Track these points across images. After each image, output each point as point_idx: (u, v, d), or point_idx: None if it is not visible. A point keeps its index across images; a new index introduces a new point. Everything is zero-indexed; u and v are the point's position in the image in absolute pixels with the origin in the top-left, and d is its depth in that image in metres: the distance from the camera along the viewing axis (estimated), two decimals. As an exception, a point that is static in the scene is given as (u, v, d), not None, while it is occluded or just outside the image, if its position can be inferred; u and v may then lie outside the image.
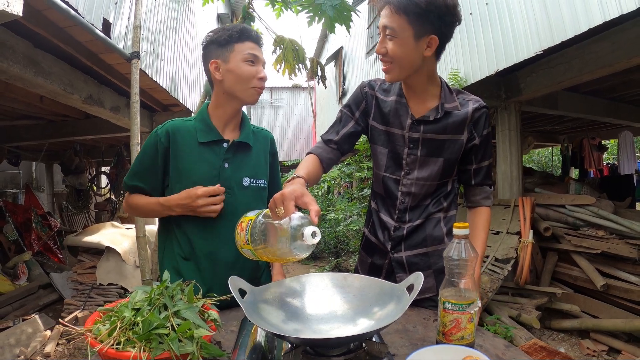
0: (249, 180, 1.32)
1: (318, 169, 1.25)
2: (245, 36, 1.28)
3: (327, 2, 3.42)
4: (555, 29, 3.03)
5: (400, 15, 1.09)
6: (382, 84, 1.32)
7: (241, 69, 1.26)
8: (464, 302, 0.82)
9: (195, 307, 0.81)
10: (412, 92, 1.25)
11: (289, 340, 0.75)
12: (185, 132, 1.29)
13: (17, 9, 2.04)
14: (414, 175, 1.25)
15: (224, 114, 1.32)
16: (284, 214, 0.89)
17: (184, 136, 1.28)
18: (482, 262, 1.28)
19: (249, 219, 1.01)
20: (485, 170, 1.28)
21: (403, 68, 1.16)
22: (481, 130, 1.24)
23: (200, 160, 1.27)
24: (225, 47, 1.27)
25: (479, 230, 1.26)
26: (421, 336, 1.01)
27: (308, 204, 0.92)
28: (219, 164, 1.28)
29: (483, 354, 0.78)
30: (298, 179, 1.06)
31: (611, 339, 3.37)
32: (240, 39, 1.27)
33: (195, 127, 1.29)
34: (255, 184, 1.33)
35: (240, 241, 1.01)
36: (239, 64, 1.26)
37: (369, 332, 0.72)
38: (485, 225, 1.28)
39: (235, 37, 1.27)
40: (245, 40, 1.27)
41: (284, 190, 0.92)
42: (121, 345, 0.78)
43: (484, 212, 1.29)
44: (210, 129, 1.30)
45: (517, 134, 4.50)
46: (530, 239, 3.86)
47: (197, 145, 1.28)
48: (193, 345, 0.74)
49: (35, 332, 3.63)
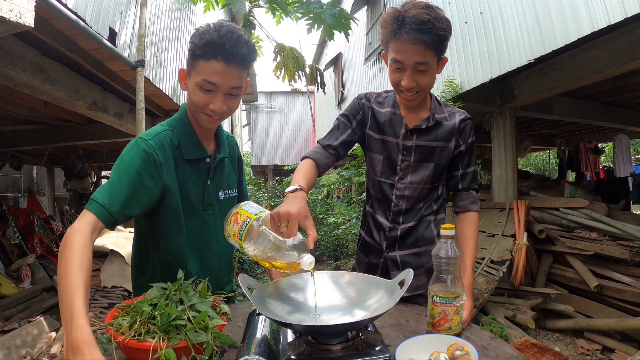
0: (224, 192, 1.26)
1: (315, 175, 1.30)
2: (209, 54, 1.04)
3: (326, 10, 3.52)
4: (547, 38, 3.14)
5: (432, 51, 1.17)
6: (377, 97, 1.42)
7: (194, 94, 1.10)
8: (451, 296, 0.91)
9: (209, 301, 0.90)
10: (407, 105, 1.34)
11: (294, 328, 0.84)
12: (171, 145, 1.14)
13: (29, 20, 2.12)
14: (407, 180, 1.35)
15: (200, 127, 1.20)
16: (286, 234, 0.92)
17: (174, 151, 1.15)
18: (474, 268, 1.35)
19: (247, 215, 1.00)
20: (471, 175, 1.39)
21: (425, 93, 1.29)
22: (466, 138, 1.36)
23: (187, 181, 1.16)
24: (192, 59, 1.09)
25: (468, 237, 1.33)
26: (413, 329, 1.10)
27: (308, 228, 0.97)
28: (204, 181, 1.19)
29: (469, 343, 0.87)
30: (301, 193, 1.06)
31: (605, 338, 3.43)
32: (203, 56, 1.05)
33: (180, 141, 1.16)
34: (228, 195, 1.28)
35: (232, 232, 1.01)
36: (193, 87, 1.09)
37: (364, 319, 0.81)
38: (475, 231, 1.34)
39: (199, 53, 1.06)
40: (210, 58, 1.04)
41: (291, 210, 0.94)
42: (141, 337, 0.87)
43: (472, 218, 1.36)
44: (197, 145, 1.18)
45: (512, 138, 4.60)
46: (525, 241, 3.94)
47: (183, 163, 1.16)
48: (208, 335, 0.83)
49: (41, 333, 3.70)
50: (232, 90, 1.10)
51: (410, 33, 1.14)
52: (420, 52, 1.16)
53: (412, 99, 1.27)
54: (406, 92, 1.25)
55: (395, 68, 1.23)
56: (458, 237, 1.34)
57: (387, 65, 1.29)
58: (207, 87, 1.07)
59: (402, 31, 1.15)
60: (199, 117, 1.14)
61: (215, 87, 1.07)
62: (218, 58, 1.04)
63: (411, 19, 1.14)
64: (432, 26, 1.14)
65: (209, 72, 1.05)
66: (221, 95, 1.09)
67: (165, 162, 1.11)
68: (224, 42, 1.03)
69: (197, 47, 1.05)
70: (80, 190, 7.27)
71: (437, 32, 1.16)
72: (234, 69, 1.07)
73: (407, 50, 1.17)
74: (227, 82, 1.07)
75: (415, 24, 1.14)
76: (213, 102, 1.08)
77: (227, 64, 1.05)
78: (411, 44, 1.15)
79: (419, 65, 1.19)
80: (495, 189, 4.77)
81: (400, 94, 1.29)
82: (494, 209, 4.60)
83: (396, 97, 1.38)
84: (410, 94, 1.25)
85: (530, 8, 3.30)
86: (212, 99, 1.09)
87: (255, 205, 1.07)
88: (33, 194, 6.47)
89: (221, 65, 1.05)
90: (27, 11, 2.07)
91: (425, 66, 1.19)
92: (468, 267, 1.26)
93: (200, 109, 1.11)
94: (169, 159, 1.12)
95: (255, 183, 11.10)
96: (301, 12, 3.55)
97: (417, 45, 1.15)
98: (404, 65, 1.20)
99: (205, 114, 1.11)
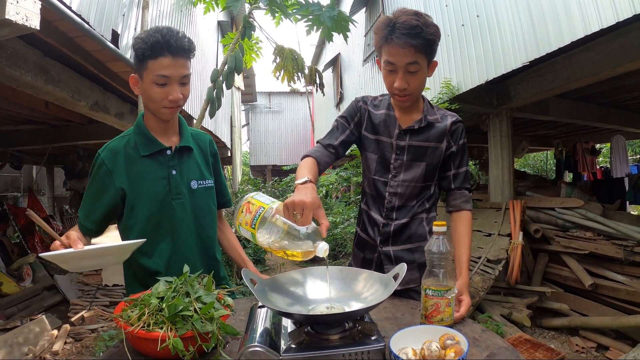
0: (197, 182, 1.35)
1: (317, 171, 1.37)
2: (157, 52, 1.18)
3: (325, 13, 3.57)
4: (541, 41, 3.19)
5: (421, 53, 1.26)
6: (373, 100, 1.50)
7: (151, 91, 1.22)
8: (443, 289, 0.97)
9: (214, 294, 0.95)
10: (401, 107, 1.43)
11: (295, 318, 0.89)
12: (125, 150, 1.28)
13: (35, 22, 2.17)
14: (400, 178, 1.42)
15: (157, 122, 1.31)
16: (301, 222, 0.98)
17: (127, 154, 1.28)
18: (469, 265, 1.41)
19: (259, 204, 1.03)
20: (463, 175, 1.45)
21: (416, 95, 1.37)
22: (457, 139, 1.43)
23: (147, 174, 1.28)
24: (141, 63, 1.21)
25: (463, 236, 1.38)
26: (408, 322, 1.15)
27: (320, 217, 1.03)
28: (166, 172, 1.29)
29: (459, 333, 0.92)
30: (311, 184, 1.14)
31: (599, 336, 3.49)
32: (152, 55, 1.18)
33: (135, 142, 1.29)
34: (203, 185, 1.37)
35: (244, 221, 1.04)
36: (150, 86, 1.21)
37: (360, 310, 0.87)
38: (468, 230, 1.40)
39: (147, 54, 1.18)
40: (159, 56, 1.18)
41: (306, 199, 1.00)
42: (150, 327, 0.92)
43: (465, 217, 1.41)
44: (150, 140, 1.29)
45: (509, 139, 4.65)
46: (520, 241, 4.00)
47: (140, 160, 1.28)
48: (213, 325, 0.88)
49: (43, 331, 3.75)
50: (182, 79, 1.23)
51: (400, 37, 1.23)
52: (410, 54, 1.25)
53: (405, 100, 1.35)
54: (399, 94, 1.32)
55: (388, 70, 1.32)
56: (452, 235, 1.40)
57: (381, 70, 1.36)
58: (161, 81, 1.20)
59: (393, 36, 1.24)
60: (160, 112, 1.26)
61: (168, 79, 1.21)
62: (165, 54, 1.18)
63: (401, 25, 1.23)
64: (421, 31, 1.23)
65: (160, 67, 1.19)
66: (175, 85, 1.22)
67: (116, 168, 1.26)
68: (167, 40, 1.18)
69: (145, 50, 1.18)
70: (81, 190, 7.31)
71: (426, 37, 1.24)
72: (180, 60, 1.21)
73: (398, 53, 1.26)
74: (177, 72, 1.21)
75: (405, 29, 1.23)
76: (170, 92, 1.22)
77: (174, 57, 1.19)
78: (401, 47, 1.24)
79: (410, 66, 1.27)
80: (491, 189, 4.83)
81: (394, 96, 1.37)
82: (490, 208, 4.66)
83: (391, 100, 1.45)
84: (402, 95, 1.32)
85: (525, 12, 3.35)
86: (168, 90, 1.22)
87: (266, 195, 1.11)
88: (33, 194, 6.51)
89: (169, 59, 1.19)
90: (33, 14, 2.12)
91: (416, 66, 1.27)
92: (464, 265, 1.32)
93: (160, 103, 1.23)
94: (121, 163, 1.27)
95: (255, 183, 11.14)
96: (300, 14, 3.60)
97: (407, 49, 1.24)
98: (396, 67, 1.28)
99: (165, 106, 1.24)
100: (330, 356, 0.85)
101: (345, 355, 0.85)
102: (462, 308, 1.17)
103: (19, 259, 5.27)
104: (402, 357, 0.81)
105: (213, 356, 0.91)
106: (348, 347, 0.86)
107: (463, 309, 1.17)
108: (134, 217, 1.28)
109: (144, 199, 1.27)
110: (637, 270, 3.76)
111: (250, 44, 4.07)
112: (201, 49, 6.55)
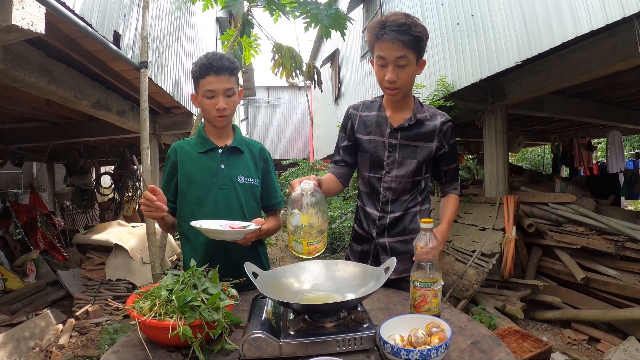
0: (244, 178, 1.58)
1: (333, 180, 1.60)
2: (204, 72, 1.48)
3: (322, 11, 3.62)
4: (533, 41, 3.26)
5: (410, 49, 1.39)
6: (363, 104, 1.65)
7: (203, 103, 1.52)
8: (430, 281, 1.05)
9: (219, 286, 1.04)
10: (392, 106, 1.57)
11: (293, 307, 0.98)
12: (187, 147, 1.60)
13: (40, 27, 2.23)
14: (393, 174, 1.54)
15: (214, 129, 1.59)
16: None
17: (187, 150, 1.59)
18: (450, 225, 1.58)
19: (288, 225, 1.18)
20: (453, 171, 1.62)
21: (406, 90, 1.49)
22: (449, 139, 1.56)
23: (201, 165, 1.56)
24: (195, 83, 1.54)
25: (447, 207, 1.60)
26: (399, 312, 1.23)
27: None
28: (216, 166, 1.56)
29: (444, 322, 1.00)
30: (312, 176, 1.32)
31: (591, 328, 3.56)
32: (201, 75, 1.49)
33: (195, 142, 1.61)
34: (249, 182, 1.59)
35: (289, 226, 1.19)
36: (202, 99, 1.52)
37: (353, 299, 0.95)
38: (453, 204, 1.60)
39: (198, 75, 1.50)
40: (206, 75, 1.48)
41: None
42: (161, 317, 1.00)
43: (452, 198, 1.62)
44: (205, 140, 1.59)
45: (503, 135, 4.73)
46: (514, 235, 4.08)
47: (197, 155, 1.58)
48: (219, 314, 0.96)
49: (48, 325, 3.83)
50: (226, 92, 1.50)
51: (390, 34, 1.38)
52: (399, 49, 1.38)
53: (395, 93, 1.47)
54: (389, 87, 1.45)
55: (379, 65, 1.45)
56: (440, 210, 1.60)
57: (374, 67, 1.50)
58: (208, 94, 1.50)
59: (384, 32, 1.39)
60: (213, 120, 1.54)
61: (214, 92, 1.49)
62: (210, 73, 1.48)
63: (391, 23, 1.38)
64: (409, 28, 1.37)
65: (207, 84, 1.49)
66: (220, 97, 1.50)
67: (179, 158, 1.57)
68: (211, 62, 1.48)
69: (196, 72, 1.51)
70: (82, 186, 7.39)
71: (414, 34, 1.38)
72: (223, 77, 1.49)
73: (388, 47, 1.39)
74: (220, 86, 1.49)
75: (394, 26, 1.37)
76: (217, 103, 1.49)
77: (217, 74, 1.48)
78: (391, 42, 1.38)
79: (400, 60, 1.40)
80: (486, 184, 4.91)
81: (385, 90, 1.49)
82: (485, 203, 4.74)
83: (382, 101, 1.59)
84: (392, 88, 1.45)
85: (518, 12, 3.42)
86: (215, 102, 1.50)
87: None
88: (35, 191, 6.56)
89: (213, 77, 1.48)
90: (38, 19, 2.18)
91: (405, 60, 1.40)
92: (445, 220, 1.55)
93: (211, 112, 1.52)
94: (183, 156, 1.57)
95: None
96: (299, 11, 3.65)
97: (396, 44, 1.38)
98: (387, 60, 1.41)
99: (215, 115, 1.51)
100: (325, 342, 0.94)
101: (339, 341, 0.94)
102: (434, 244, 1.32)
103: (23, 255, 5.34)
104: (390, 342, 0.89)
105: (219, 343, 0.99)
106: (342, 333, 0.95)
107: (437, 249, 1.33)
108: (184, 200, 1.55)
109: (193, 186, 1.53)
110: (627, 265, 3.81)
111: (249, 41, 4.13)
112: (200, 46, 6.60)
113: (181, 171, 1.56)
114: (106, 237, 4.78)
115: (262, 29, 4.20)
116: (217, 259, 1.37)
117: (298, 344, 0.93)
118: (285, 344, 0.92)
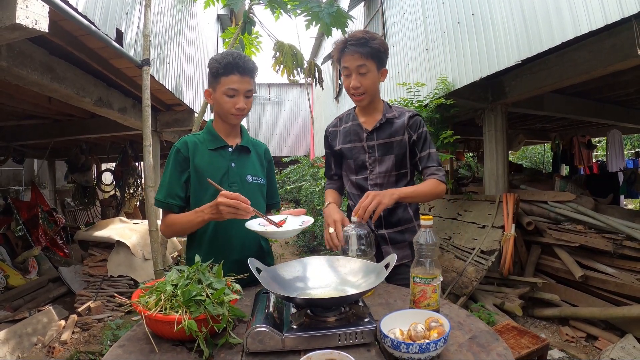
0: (252, 177, 1.61)
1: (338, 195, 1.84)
2: (229, 71, 1.49)
3: (324, 9, 3.64)
4: (533, 41, 3.27)
5: (368, 59, 1.60)
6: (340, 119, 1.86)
7: (222, 100, 1.52)
8: (429, 277, 1.08)
9: (223, 281, 1.06)
10: (364, 113, 1.77)
11: (295, 301, 1.01)
12: (197, 143, 1.58)
13: (44, 26, 2.24)
14: (376, 171, 1.72)
15: (224, 126, 1.61)
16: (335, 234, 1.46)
17: (197, 146, 1.58)
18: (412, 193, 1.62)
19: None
20: (427, 156, 1.71)
21: (371, 95, 1.68)
22: (416, 129, 1.71)
23: (211, 162, 1.56)
24: (215, 78, 1.53)
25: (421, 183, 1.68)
26: (399, 307, 1.26)
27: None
28: (227, 164, 1.57)
29: (443, 317, 1.03)
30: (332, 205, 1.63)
31: (589, 326, 3.58)
32: (225, 73, 1.50)
33: (205, 138, 1.60)
34: (257, 181, 1.63)
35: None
36: (221, 96, 1.52)
37: (354, 294, 0.98)
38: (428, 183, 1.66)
39: (221, 72, 1.50)
40: (230, 74, 1.49)
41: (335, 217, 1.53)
42: (167, 311, 1.02)
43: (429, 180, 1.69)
44: (216, 138, 1.60)
45: (503, 134, 4.74)
46: (513, 232, 4.10)
47: (207, 152, 1.57)
48: (224, 308, 0.99)
49: (51, 321, 3.86)
50: (246, 92, 1.54)
51: (349, 47, 1.61)
52: (359, 59, 1.59)
53: (361, 99, 1.67)
54: (354, 92, 1.65)
55: (345, 75, 1.66)
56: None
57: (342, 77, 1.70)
58: (230, 93, 1.51)
59: (345, 47, 1.62)
60: (229, 118, 1.56)
61: (237, 91, 1.51)
62: (235, 72, 1.49)
63: (351, 38, 1.61)
64: (366, 41, 1.59)
65: (231, 82, 1.50)
66: (241, 97, 1.53)
67: (191, 154, 1.54)
68: (237, 62, 1.50)
69: (219, 68, 1.50)
70: (84, 183, 7.41)
71: (371, 46, 1.59)
72: (246, 78, 1.52)
73: (350, 59, 1.61)
74: (243, 87, 1.52)
75: (354, 41, 1.60)
76: (237, 103, 1.52)
77: (241, 75, 1.50)
78: (352, 54, 1.61)
79: (360, 68, 1.61)
80: (486, 182, 4.92)
81: (352, 97, 1.68)
82: (484, 201, 4.76)
83: (355, 111, 1.80)
84: (357, 94, 1.65)
85: (518, 11, 3.43)
86: (236, 101, 1.52)
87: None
88: (36, 187, 6.57)
89: (237, 76, 1.50)
90: (42, 17, 2.19)
91: (365, 68, 1.61)
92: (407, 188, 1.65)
93: (229, 110, 1.53)
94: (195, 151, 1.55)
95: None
96: (300, 9, 3.67)
97: (356, 55, 1.60)
98: (350, 70, 1.63)
99: (233, 114, 1.54)
100: (327, 335, 0.96)
101: (340, 335, 0.96)
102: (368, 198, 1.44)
103: (24, 252, 5.37)
104: (390, 336, 0.92)
105: (223, 336, 1.02)
106: (343, 328, 0.97)
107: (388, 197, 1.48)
108: (196, 197, 1.54)
109: (204, 183, 1.50)
110: (626, 263, 3.84)
111: (250, 39, 4.15)
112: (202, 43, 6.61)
113: (193, 167, 1.54)
114: (108, 234, 4.81)
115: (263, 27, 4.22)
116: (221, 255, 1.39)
117: (300, 338, 0.95)
118: (288, 338, 0.95)
